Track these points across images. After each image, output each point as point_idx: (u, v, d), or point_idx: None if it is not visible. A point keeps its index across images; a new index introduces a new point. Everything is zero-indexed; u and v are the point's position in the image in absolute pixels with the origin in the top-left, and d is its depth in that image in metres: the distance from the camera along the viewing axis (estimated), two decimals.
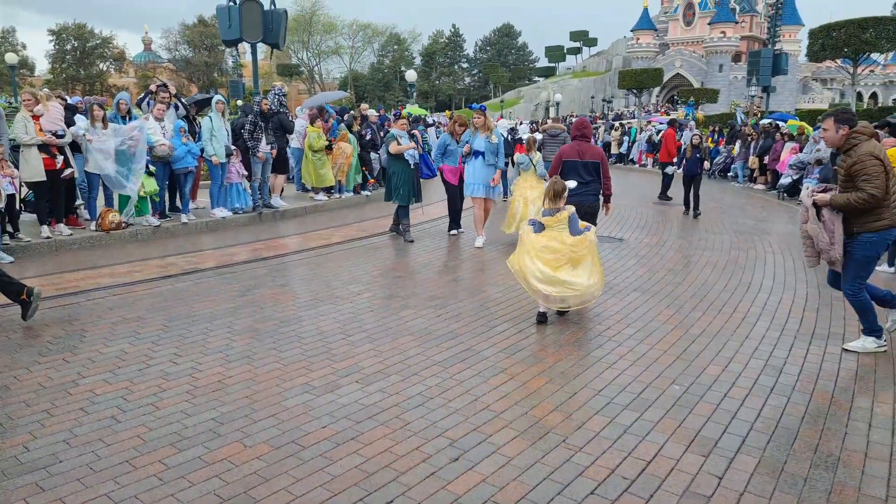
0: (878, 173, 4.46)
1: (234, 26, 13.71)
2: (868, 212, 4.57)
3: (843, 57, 29.61)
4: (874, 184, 4.45)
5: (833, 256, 4.71)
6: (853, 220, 4.65)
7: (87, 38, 74.06)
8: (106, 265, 7.34)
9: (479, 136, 8.72)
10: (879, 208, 4.56)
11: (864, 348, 4.90)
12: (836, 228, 4.66)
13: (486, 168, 8.73)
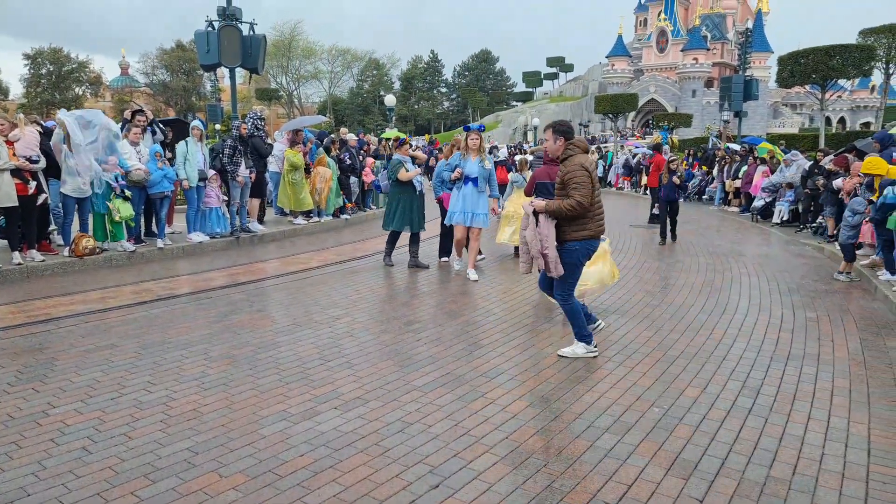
0: (586, 183, 4.88)
1: (212, 51, 13.71)
2: (575, 220, 4.97)
3: (812, 83, 30.43)
4: (581, 192, 4.86)
5: (545, 262, 5.03)
6: (564, 228, 5.03)
7: (63, 62, 73.42)
8: (79, 291, 7.20)
9: (470, 160, 8.07)
10: (585, 218, 4.98)
11: (575, 353, 5.20)
12: (550, 234, 4.98)
13: (477, 195, 8.10)
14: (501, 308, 6.81)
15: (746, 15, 74.23)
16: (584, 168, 4.92)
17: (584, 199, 4.84)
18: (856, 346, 5.65)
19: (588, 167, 4.95)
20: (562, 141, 5.14)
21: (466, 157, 8.12)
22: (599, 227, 5.10)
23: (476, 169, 8.07)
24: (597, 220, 5.06)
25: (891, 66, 36.01)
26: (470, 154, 8.12)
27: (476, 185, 8.09)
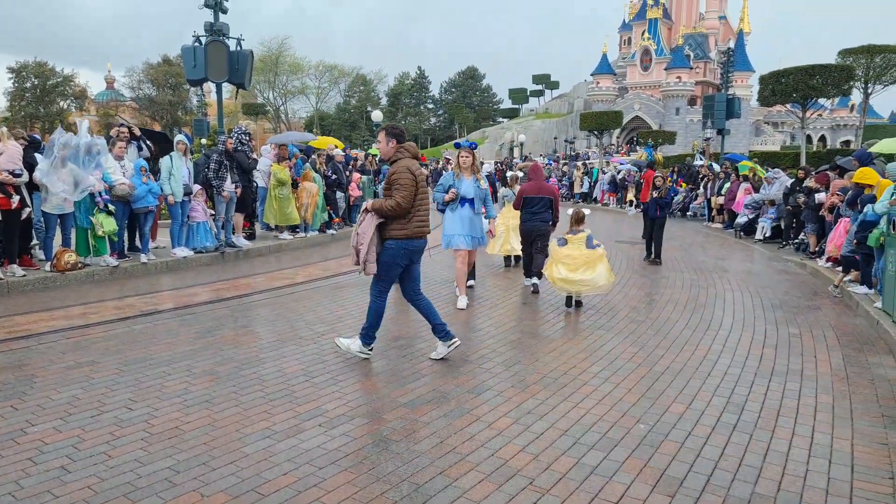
0: (408, 185, 5.10)
1: (199, 66, 13.67)
2: (397, 219, 5.19)
3: (792, 102, 30.96)
4: (403, 194, 5.09)
5: (362, 258, 5.19)
6: (387, 226, 5.23)
7: (48, 75, 72.93)
8: (60, 307, 7.10)
9: (465, 180, 7.49)
10: (405, 219, 5.20)
11: (349, 348, 5.46)
12: (368, 231, 5.17)
13: (474, 217, 7.53)
14: (487, 323, 6.80)
15: (728, 35, 75.51)
16: (409, 171, 5.15)
17: (403, 200, 5.08)
18: (838, 361, 5.70)
19: (414, 171, 5.18)
20: (394, 143, 5.33)
21: (460, 177, 7.52)
22: (419, 229, 5.30)
23: (472, 189, 7.47)
24: (417, 221, 5.28)
25: (869, 85, 36.77)
26: (463, 173, 7.54)
27: (472, 207, 7.48)
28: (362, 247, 5.17)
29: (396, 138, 5.34)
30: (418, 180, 5.20)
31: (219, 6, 13.84)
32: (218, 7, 13.83)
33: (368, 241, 5.14)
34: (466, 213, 7.48)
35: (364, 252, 5.15)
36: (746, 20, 75.70)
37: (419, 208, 5.26)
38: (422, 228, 5.32)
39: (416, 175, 5.19)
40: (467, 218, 7.48)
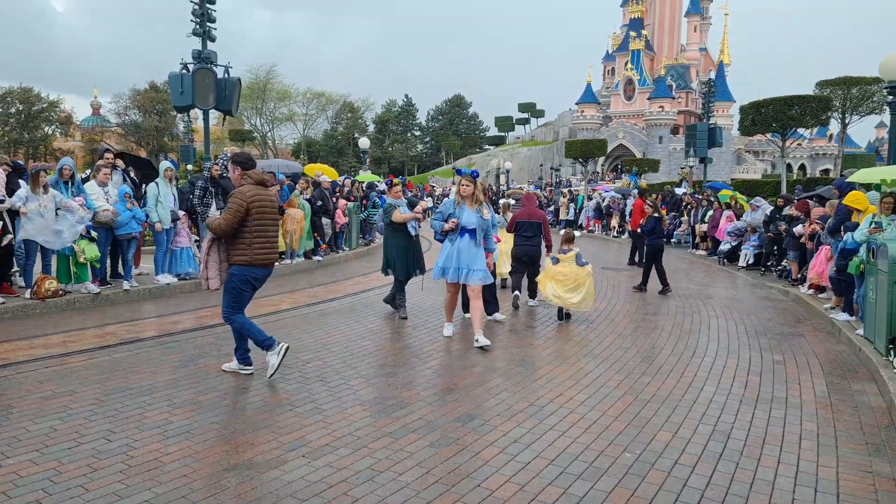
0: (235, 210, 5.27)
1: (186, 93, 13.73)
2: (236, 246, 5.39)
3: (772, 131, 31.58)
4: (226, 216, 5.30)
5: (201, 274, 5.56)
6: (231, 252, 5.45)
7: (34, 101, 72.74)
8: (39, 335, 6.98)
9: (465, 209, 7.03)
10: (243, 245, 5.37)
11: (231, 367, 5.74)
12: (207, 249, 5.48)
13: (475, 249, 7.02)
14: (474, 351, 6.77)
15: (709, 66, 77.29)
16: (243, 197, 5.31)
17: (224, 222, 5.29)
18: (822, 389, 5.73)
19: (249, 198, 5.31)
20: (238, 171, 5.52)
21: (461, 206, 7.05)
22: (260, 257, 5.43)
23: (474, 220, 6.98)
24: (258, 248, 5.40)
25: (847, 116, 37.66)
26: (465, 202, 7.07)
27: (473, 238, 6.98)
28: (201, 264, 5.54)
29: (241, 165, 5.54)
30: (255, 207, 5.33)
31: (207, 34, 13.95)
32: (206, 35, 13.93)
33: (206, 256, 5.47)
34: (465, 245, 6.99)
35: (202, 268, 5.51)
36: (726, 52, 77.50)
37: (260, 235, 5.40)
38: (264, 256, 5.46)
39: (252, 202, 5.32)
40: (465, 250, 6.98)
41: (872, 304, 6.83)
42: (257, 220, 5.38)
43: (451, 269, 7.05)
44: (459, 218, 7.00)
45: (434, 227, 7.22)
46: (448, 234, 7.07)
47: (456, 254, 7.01)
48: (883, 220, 7.25)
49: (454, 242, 7.02)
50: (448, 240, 7.11)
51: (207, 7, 13.96)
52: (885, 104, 21.85)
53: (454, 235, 7.03)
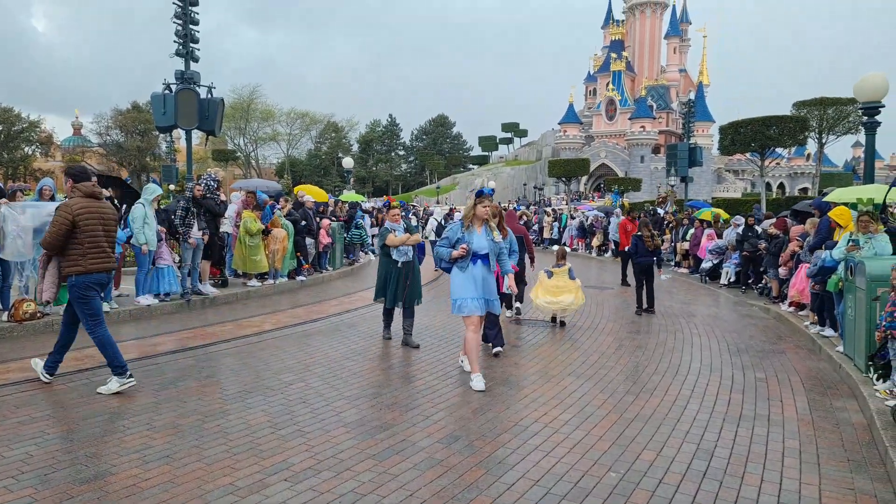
0: (58, 223, 5.44)
1: (168, 113, 13.69)
2: (69, 257, 5.52)
3: (751, 151, 32.14)
4: (51, 230, 5.48)
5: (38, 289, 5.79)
6: (65, 266, 5.57)
7: (14, 121, 71.97)
8: (16, 359, 6.85)
9: (476, 232, 6.22)
10: (76, 255, 5.50)
11: (110, 390, 5.61)
12: (50, 269, 5.65)
13: (488, 276, 6.23)
14: (458, 371, 6.75)
15: (689, 87, 78.62)
16: (66, 210, 5.46)
17: (49, 237, 5.46)
18: (804, 406, 5.77)
19: (74, 211, 5.45)
20: (70, 183, 5.64)
21: (471, 229, 6.22)
22: (94, 266, 5.58)
23: (486, 243, 6.18)
24: (91, 258, 5.55)
25: (823, 136, 38.43)
26: (474, 225, 6.25)
27: (486, 264, 6.20)
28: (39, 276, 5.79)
29: (73, 178, 5.67)
30: (82, 219, 5.46)
31: (190, 55, 13.95)
32: (189, 56, 13.93)
33: (42, 270, 5.71)
34: (479, 272, 6.14)
35: (39, 280, 5.76)
36: (705, 73, 79.02)
37: (92, 245, 5.55)
38: (99, 265, 5.61)
39: (78, 214, 5.46)
40: (480, 277, 6.14)
41: (851, 321, 6.93)
42: (87, 231, 5.51)
43: (469, 300, 6.08)
44: (470, 243, 6.14)
45: (440, 254, 6.21)
46: (457, 261, 6.18)
47: (472, 283, 6.11)
48: (860, 239, 7.37)
49: (465, 270, 6.14)
50: (458, 268, 6.20)
51: (191, 28, 13.99)
52: (861, 125, 22.35)
53: (464, 263, 6.15)
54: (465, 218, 6.31)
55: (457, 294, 6.19)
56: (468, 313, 6.13)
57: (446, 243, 6.23)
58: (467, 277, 6.14)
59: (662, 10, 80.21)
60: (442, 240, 6.29)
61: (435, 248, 6.29)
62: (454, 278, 6.24)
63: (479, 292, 6.12)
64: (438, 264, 6.52)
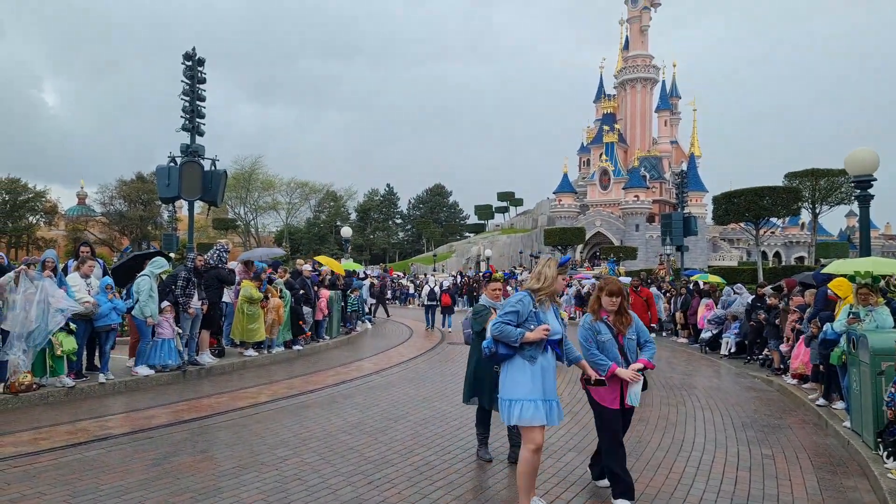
0: None
1: (173, 185, 13.92)
2: None
3: (745, 220, 32.53)
4: None
5: None
6: None
7: (20, 191, 72.93)
8: (9, 432, 6.70)
9: (548, 312, 4.74)
10: None
11: None
12: None
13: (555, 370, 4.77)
14: (457, 446, 6.62)
15: (681, 157, 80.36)
16: None
17: None
18: (813, 485, 5.64)
19: None
20: None
21: (541, 306, 4.72)
22: None
23: (559, 325, 4.75)
24: None
25: (817, 206, 39.03)
26: (546, 300, 4.75)
27: (558, 352, 4.80)
28: None
29: None
30: None
31: (196, 129, 14.32)
32: (195, 130, 14.31)
33: None
34: (550, 365, 4.69)
35: None
36: (696, 145, 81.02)
37: None
38: None
39: None
40: (551, 370, 4.68)
41: (857, 395, 6.85)
42: None
43: (535, 405, 4.53)
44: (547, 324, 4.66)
45: (506, 335, 4.56)
46: (527, 347, 4.61)
47: (540, 379, 4.59)
48: (860, 311, 7.39)
49: (535, 361, 4.60)
50: (523, 357, 4.60)
51: (198, 104, 14.42)
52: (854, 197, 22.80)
53: (536, 351, 4.61)
54: (542, 290, 4.72)
55: (518, 393, 4.56)
56: (534, 422, 4.53)
57: (513, 318, 4.62)
58: (535, 372, 4.58)
59: (652, 85, 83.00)
60: (505, 315, 4.65)
61: (495, 324, 4.64)
62: (513, 372, 4.64)
63: (548, 393, 4.63)
64: (491, 348, 4.70)
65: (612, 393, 5.00)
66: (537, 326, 4.58)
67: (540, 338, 4.57)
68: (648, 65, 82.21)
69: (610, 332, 5.03)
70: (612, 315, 5.08)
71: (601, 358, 4.95)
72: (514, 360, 4.66)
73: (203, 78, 14.64)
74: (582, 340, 5.07)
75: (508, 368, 4.69)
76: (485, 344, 4.82)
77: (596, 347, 5.00)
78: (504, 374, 4.72)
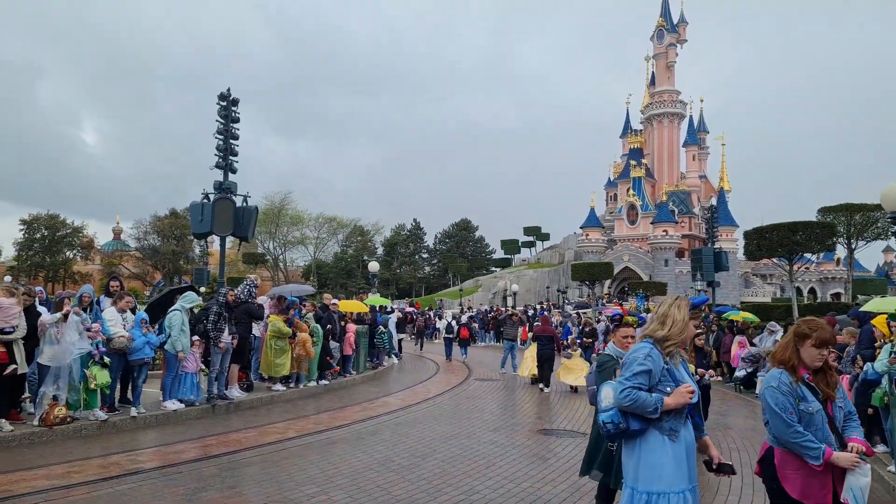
0: None
1: (205, 221, 14.23)
2: None
3: (778, 256, 31.96)
4: None
5: None
6: None
7: (58, 227, 75.28)
8: (43, 465, 6.81)
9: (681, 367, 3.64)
10: None
11: None
12: None
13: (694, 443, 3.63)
14: (486, 486, 6.53)
15: (710, 192, 79.69)
16: None
17: None
18: None
19: None
20: None
21: (671, 360, 3.60)
22: None
23: (695, 386, 3.61)
24: None
25: (852, 241, 38.16)
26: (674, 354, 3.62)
27: (698, 420, 3.70)
28: None
29: None
30: None
31: (229, 167, 14.69)
32: (228, 168, 14.67)
33: None
34: (691, 440, 3.59)
35: None
36: (726, 179, 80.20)
37: None
38: None
39: None
40: (693, 447, 3.58)
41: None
42: None
43: (682, 499, 3.43)
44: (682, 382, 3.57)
45: (641, 403, 3.41)
46: (666, 417, 3.47)
47: (685, 461, 3.48)
48: None
49: (678, 436, 3.48)
50: (661, 431, 3.47)
51: (231, 144, 14.82)
52: (891, 233, 22.31)
53: (676, 421, 3.50)
54: (670, 340, 3.57)
55: (660, 484, 3.42)
56: None
57: (643, 383, 3.46)
58: (678, 451, 3.46)
59: (680, 120, 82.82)
60: (633, 377, 3.47)
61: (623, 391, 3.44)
62: (648, 453, 3.47)
63: (693, 478, 3.51)
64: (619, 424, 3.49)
65: (822, 487, 3.49)
66: (675, 388, 3.45)
67: (684, 403, 3.45)
68: (675, 100, 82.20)
69: (816, 398, 3.59)
70: (814, 374, 3.65)
71: (809, 438, 3.47)
72: (647, 437, 3.48)
73: (237, 117, 15.06)
74: (777, 409, 3.55)
75: (640, 448, 3.49)
76: (605, 418, 3.52)
77: (797, 420, 3.52)
78: (634, 456, 3.52)
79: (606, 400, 3.55)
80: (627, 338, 5.13)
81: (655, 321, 3.65)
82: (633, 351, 3.60)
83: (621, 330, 5.26)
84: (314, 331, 13.20)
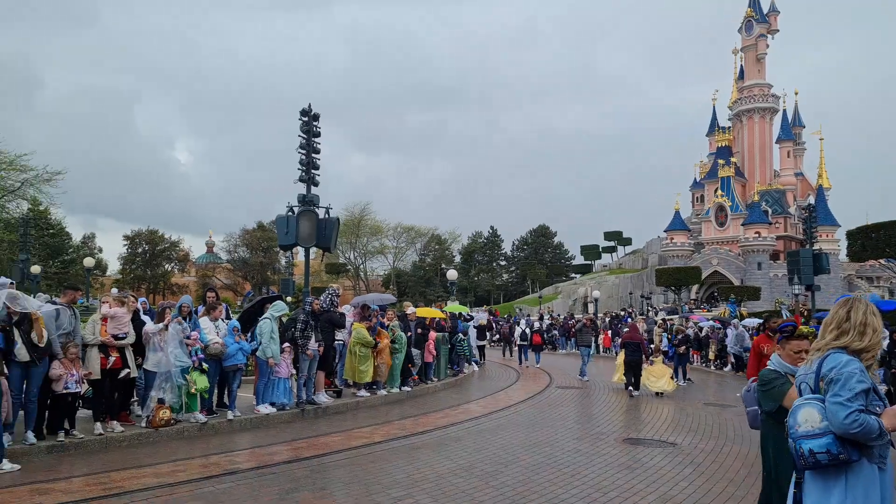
0: None
1: (290, 233, 14.85)
2: None
3: (887, 256, 29.81)
4: None
5: None
6: None
7: (158, 242, 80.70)
8: (151, 464, 7.33)
9: None
10: None
11: None
12: None
13: None
14: (571, 494, 6.46)
15: (807, 190, 75.01)
16: None
17: None
18: None
19: None
20: None
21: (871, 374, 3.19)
22: None
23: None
24: None
25: None
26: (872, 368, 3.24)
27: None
28: None
29: None
30: None
31: (311, 180, 15.28)
32: (311, 181, 15.26)
33: None
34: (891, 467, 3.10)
35: None
36: (825, 176, 75.58)
37: None
38: None
39: None
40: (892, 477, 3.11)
41: None
42: None
43: None
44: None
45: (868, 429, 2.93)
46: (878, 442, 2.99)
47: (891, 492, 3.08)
48: None
49: (885, 465, 3.06)
50: (872, 460, 3.03)
51: (313, 157, 15.42)
52: None
53: (884, 448, 3.05)
54: (870, 351, 3.19)
55: None
56: None
57: (864, 404, 2.99)
58: (887, 484, 3.05)
59: (772, 115, 78.57)
60: (854, 398, 2.97)
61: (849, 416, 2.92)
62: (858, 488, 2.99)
63: None
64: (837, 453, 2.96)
65: None
66: (885, 408, 3.02)
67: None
68: (767, 94, 77.97)
69: None
70: None
71: None
72: (858, 469, 2.96)
73: (318, 132, 15.65)
74: None
75: (848, 481, 2.97)
76: (819, 446, 2.97)
77: None
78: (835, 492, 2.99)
79: (809, 423, 3.03)
80: (801, 352, 4.22)
81: (850, 331, 3.19)
82: (843, 365, 3.06)
83: (793, 343, 4.41)
84: (398, 339, 13.46)
